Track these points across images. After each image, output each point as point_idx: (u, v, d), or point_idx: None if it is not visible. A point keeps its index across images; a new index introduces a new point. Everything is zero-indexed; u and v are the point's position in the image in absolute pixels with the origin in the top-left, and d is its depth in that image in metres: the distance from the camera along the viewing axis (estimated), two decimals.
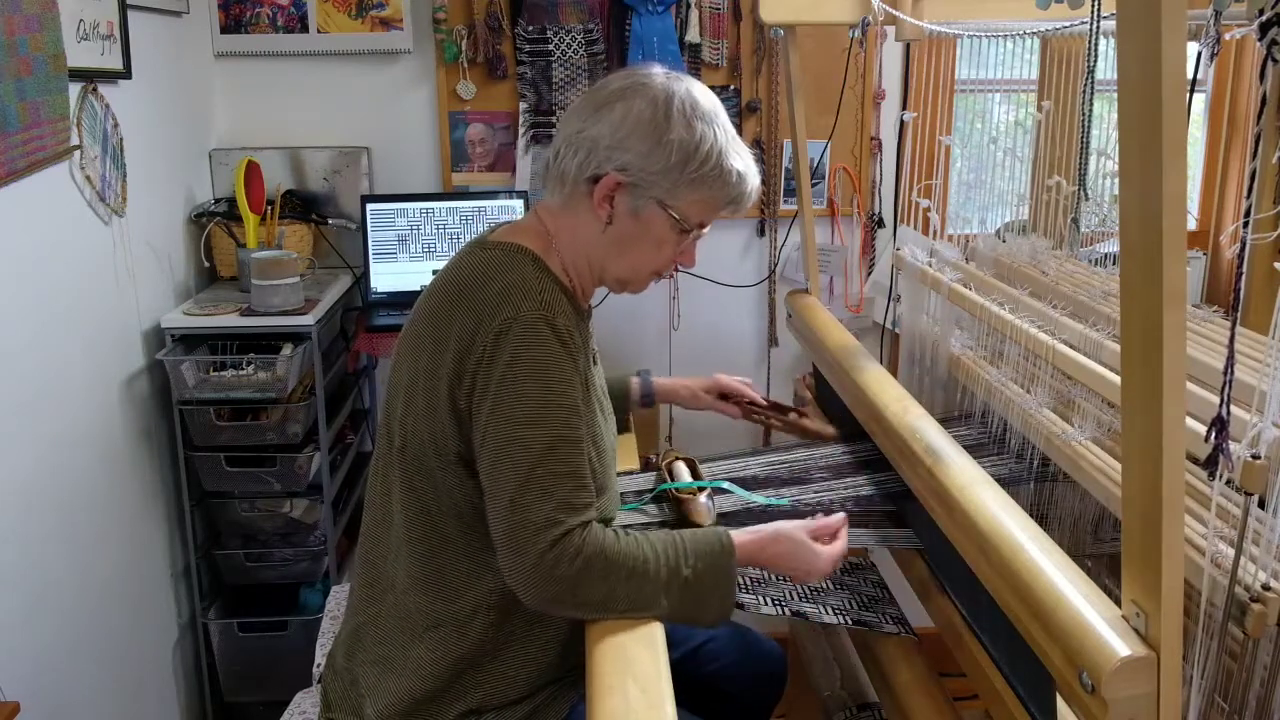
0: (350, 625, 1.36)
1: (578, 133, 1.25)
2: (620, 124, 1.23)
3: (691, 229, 1.29)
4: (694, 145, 1.23)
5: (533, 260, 1.25)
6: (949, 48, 2.20)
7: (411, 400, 1.25)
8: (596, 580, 1.16)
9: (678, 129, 1.22)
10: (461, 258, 1.30)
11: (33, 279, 1.67)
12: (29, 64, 1.60)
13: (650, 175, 1.23)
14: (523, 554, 1.15)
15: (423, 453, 1.25)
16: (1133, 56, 0.77)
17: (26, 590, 1.64)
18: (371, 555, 1.35)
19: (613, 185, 1.24)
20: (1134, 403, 0.85)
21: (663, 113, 1.23)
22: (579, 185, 1.26)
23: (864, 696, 1.71)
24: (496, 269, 1.23)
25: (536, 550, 1.14)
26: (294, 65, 2.43)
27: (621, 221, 1.27)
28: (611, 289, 1.36)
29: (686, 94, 1.25)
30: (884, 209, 2.58)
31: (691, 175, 1.24)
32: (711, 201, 1.28)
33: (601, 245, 1.29)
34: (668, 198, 1.25)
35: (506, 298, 1.19)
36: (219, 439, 2.09)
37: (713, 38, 2.44)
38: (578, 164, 1.26)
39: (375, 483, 1.35)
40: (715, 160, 1.25)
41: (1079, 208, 1.60)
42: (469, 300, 1.22)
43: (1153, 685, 0.89)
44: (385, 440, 1.32)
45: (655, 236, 1.28)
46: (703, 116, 1.24)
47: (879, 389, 1.61)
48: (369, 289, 2.37)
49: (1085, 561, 1.44)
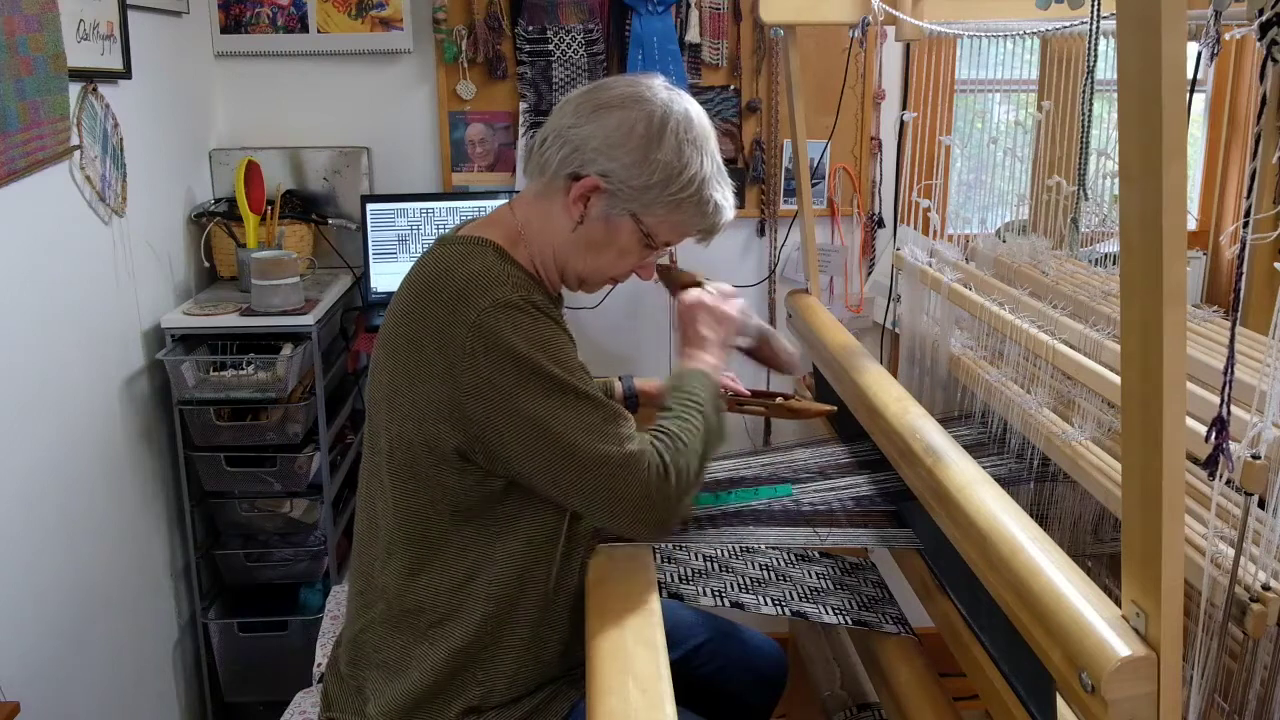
0: (349, 633, 1.36)
1: (569, 127, 1.26)
2: (613, 131, 1.24)
3: (657, 246, 1.32)
4: (679, 169, 1.25)
5: (495, 250, 1.25)
6: (949, 48, 2.20)
7: (395, 405, 1.25)
8: (687, 477, 1.24)
9: (668, 150, 1.24)
10: (425, 255, 1.30)
11: (33, 279, 1.67)
12: (29, 64, 1.60)
13: (630, 188, 1.25)
14: (625, 496, 1.21)
15: (412, 455, 1.24)
16: (1133, 56, 0.77)
17: (26, 590, 1.64)
18: (361, 562, 1.35)
19: (591, 187, 1.26)
20: (1134, 403, 0.85)
21: (656, 130, 1.24)
22: (557, 179, 1.28)
23: (864, 696, 1.71)
24: (458, 261, 1.23)
25: (638, 482, 1.20)
26: (294, 65, 2.43)
27: (591, 224, 1.28)
28: (568, 285, 1.37)
29: (684, 116, 1.26)
30: (884, 209, 2.58)
31: (670, 197, 1.26)
32: (684, 225, 1.31)
33: (568, 241, 1.30)
34: (642, 212, 1.27)
35: (474, 287, 1.19)
36: (219, 439, 2.09)
37: (713, 38, 2.44)
38: (561, 158, 1.26)
39: (361, 490, 1.35)
40: (696, 188, 1.27)
41: (1079, 208, 1.60)
42: (437, 296, 1.21)
43: (1153, 685, 0.88)
44: (370, 448, 1.32)
45: (621, 245, 1.31)
46: (694, 142, 1.26)
47: (879, 389, 1.61)
48: (369, 289, 2.37)
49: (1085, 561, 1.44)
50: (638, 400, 1.76)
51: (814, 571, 1.54)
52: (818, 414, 1.73)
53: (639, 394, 1.75)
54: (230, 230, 2.27)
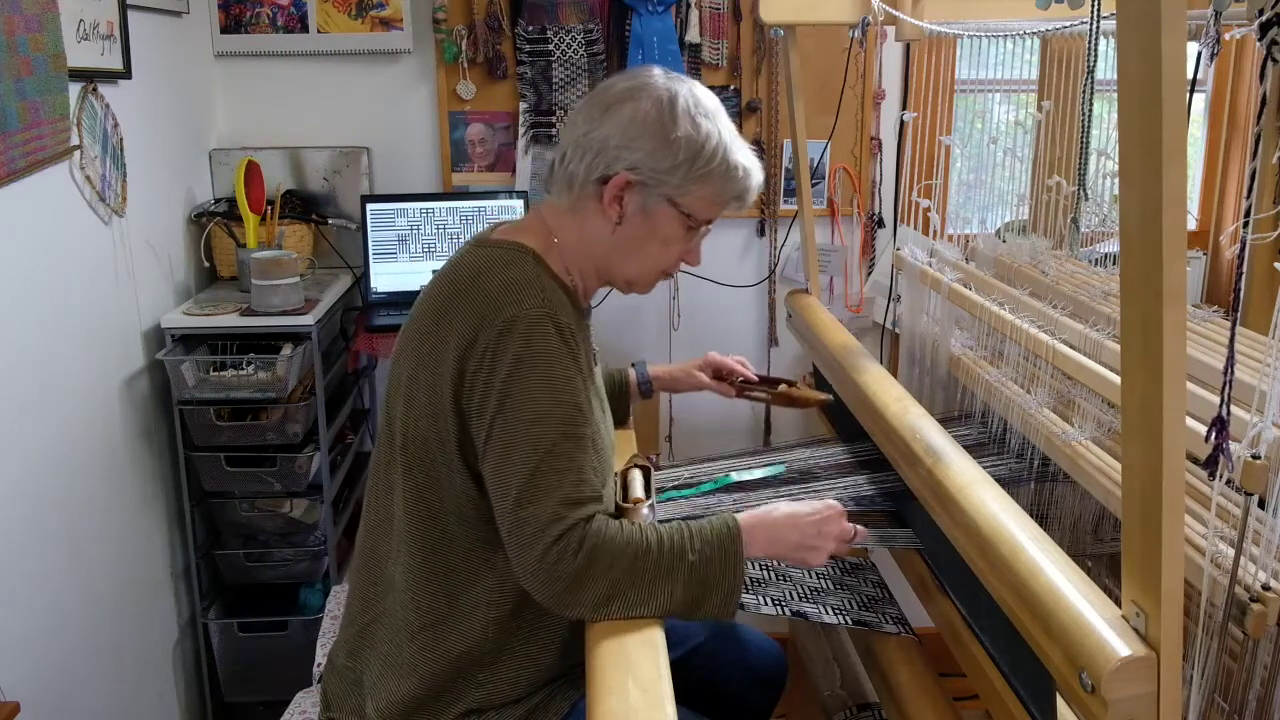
0: (354, 626, 1.36)
1: (585, 135, 1.27)
2: (628, 124, 1.25)
3: (699, 225, 1.32)
4: (700, 142, 1.25)
5: (534, 258, 1.26)
6: (949, 48, 2.20)
7: (413, 398, 1.25)
8: (601, 571, 1.16)
9: (684, 126, 1.25)
10: (462, 255, 1.31)
11: (33, 279, 1.67)
12: (29, 64, 1.60)
13: (659, 173, 1.26)
14: (528, 550, 1.16)
15: (425, 450, 1.25)
16: (1133, 56, 0.77)
17: (27, 590, 1.64)
18: (373, 555, 1.35)
19: (623, 184, 1.26)
20: (1134, 403, 0.85)
21: (668, 111, 1.25)
22: (588, 187, 1.28)
23: (864, 696, 1.71)
24: (498, 265, 1.24)
25: (542, 545, 1.15)
26: (294, 65, 2.43)
27: (631, 221, 1.29)
28: (619, 289, 1.38)
29: (689, 93, 1.28)
30: (884, 209, 2.58)
31: (699, 171, 1.26)
32: (718, 196, 1.31)
33: (611, 246, 1.31)
34: (677, 194, 1.27)
35: (508, 294, 1.20)
36: (219, 439, 2.09)
37: (713, 38, 2.44)
38: (586, 165, 1.27)
39: (376, 482, 1.35)
40: (721, 156, 1.27)
41: (1079, 208, 1.60)
42: (470, 296, 1.22)
43: (1153, 685, 0.89)
44: (386, 439, 1.32)
45: (663, 235, 1.31)
46: (706, 114, 1.27)
47: (879, 389, 1.61)
48: (369, 289, 2.37)
49: (1085, 561, 1.44)
50: (651, 387, 1.76)
51: (814, 571, 1.54)
52: (816, 403, 1.76)
53: (653, 380, 1.76)
54: (230, 230, 2.27)
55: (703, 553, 1.21)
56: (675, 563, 1.19)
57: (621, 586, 1.18)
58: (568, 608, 1.20)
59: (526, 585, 1.19)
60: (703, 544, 1.21)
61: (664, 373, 1.80)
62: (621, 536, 1.18)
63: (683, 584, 1.19)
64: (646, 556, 1.18)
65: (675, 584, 1.19)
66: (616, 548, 1.17)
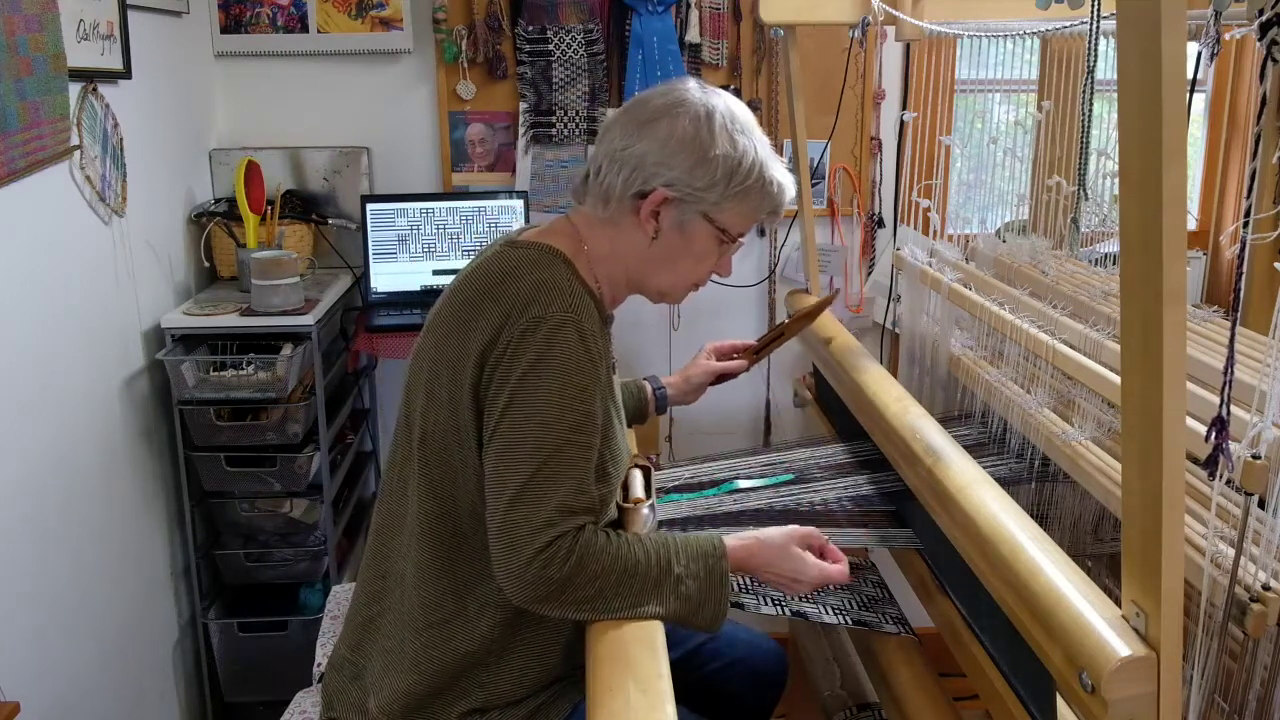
0: (359, 618, 1.36)
1: (622, 149, 1.27)
2: (667, 141, 1.25)
3: (733, 239, 1.33)
4: (737, 160, 1.26)
5: (564, 262, 1.26)
6: (949, 48, 2.20)
7: (433, 393, 1.26)
8: (586, 582, 1.16)
9: (722, 144, 1.25)
10: (491, 254, 1.31)
11: (33, 279, 1.67)
12: (29, 64, 1.60)
13: (697, 190, 1.26)
14: (515, 552, 1.15)
15: (444, 445, 1.25)
16: (1133, 56, 0.77)
17: (26, 590, 1.64)
18: (383, 550, 1.35)
19: (660, 200, 1.27)
20: (1134, 403, 0.85)
21: (706, 129, 1.25)
22: (624, 200, 1.28)
23: (864, 696, 1.71)
24: (529, 266, 1.24)
25: (530, 550, 1.15)
26: (294, 65, 2.43)
27: (667, 235, 1.29)
28: (650, 298, 1.39)
29: (726, 109, 1.28)
30: (884, 209, 2.58)
31: (736, 188, 1.27)
32: (754, 212, 1.32)
33: (645, 259, 1.32)
34: (713, 211, 1.28)
35: (537, 294, 1.20)
36: (219, 439, 2.09)
37: (713, 38, 2.44)
38: (623, 180, 1.27)
39: (392, 476, 1.35)
40: (758, 173, 1.28)
41: (1079, 208, 1.60)
42: (498, 294, 1.22)
43: (1153, 685, 0.89)
44: (404, 435, 1.32)
45: (698, 250, 1.32)
46: (743, 129, 1.28)
47: (879, 389, 1.61)
48: (369, 289, 2.37)
49: (1085, 561, 1.44)
50: (667, 400, 1.75)
51: None
52: (823, 306, 1.77)
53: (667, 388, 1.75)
54: (230, 230, 2.27)
55: (689, 568, 1.21)
56: (662, 577, 1.20)
57: (605, 597, 1.18)
58: (548, 611, 1.20)
59: (504, 586, 1.18)
60: (689, 559, 1.22)
61: (677, 379, 1.77)
62: (610, 548, 1.18)
63: (669, 598, 1.20)
64: (634, 569, 1.19)
65: (661, 598, 1.20)
66: (604, 559, 1.17)
